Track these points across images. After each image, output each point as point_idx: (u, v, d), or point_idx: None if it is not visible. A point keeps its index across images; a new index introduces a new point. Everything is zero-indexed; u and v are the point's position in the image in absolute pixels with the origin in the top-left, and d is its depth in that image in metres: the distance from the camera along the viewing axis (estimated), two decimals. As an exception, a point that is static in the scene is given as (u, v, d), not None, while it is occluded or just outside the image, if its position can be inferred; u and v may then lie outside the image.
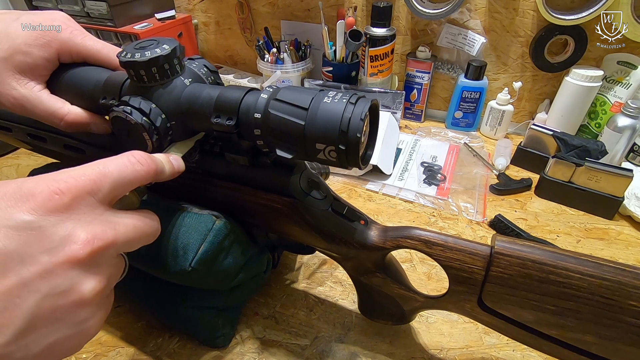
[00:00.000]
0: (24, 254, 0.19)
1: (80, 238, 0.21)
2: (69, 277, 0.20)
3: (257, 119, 0.28)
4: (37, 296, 0.19)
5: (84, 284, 0.21)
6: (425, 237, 0.32)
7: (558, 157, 0.59)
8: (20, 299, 0.18)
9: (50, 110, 0.32)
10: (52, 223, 0.20)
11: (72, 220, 0.21)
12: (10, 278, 0.18)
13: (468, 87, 0.76)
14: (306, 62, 0.84)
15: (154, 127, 0.29)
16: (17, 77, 0.31)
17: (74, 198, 0.21)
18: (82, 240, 0.21)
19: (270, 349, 0.41)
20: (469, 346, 0.41)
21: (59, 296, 0.20)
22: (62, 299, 0.20)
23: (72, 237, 0.21)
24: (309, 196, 0.33)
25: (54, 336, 0.20)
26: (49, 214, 0.20)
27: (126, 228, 0.23)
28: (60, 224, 0.20)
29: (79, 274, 0.21)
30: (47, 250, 0.20)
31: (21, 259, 0.19)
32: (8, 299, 0.18)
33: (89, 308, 0.22)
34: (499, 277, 0.29)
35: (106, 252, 0.22)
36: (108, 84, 0.32)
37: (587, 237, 0.56)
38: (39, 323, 0.19)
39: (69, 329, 0.21)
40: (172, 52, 0.29)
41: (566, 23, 0.66)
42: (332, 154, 0.27)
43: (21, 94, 0.31)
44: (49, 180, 0.21)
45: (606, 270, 0.26)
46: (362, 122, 0.25)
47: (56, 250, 0.20)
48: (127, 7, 0.86)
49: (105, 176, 0.23)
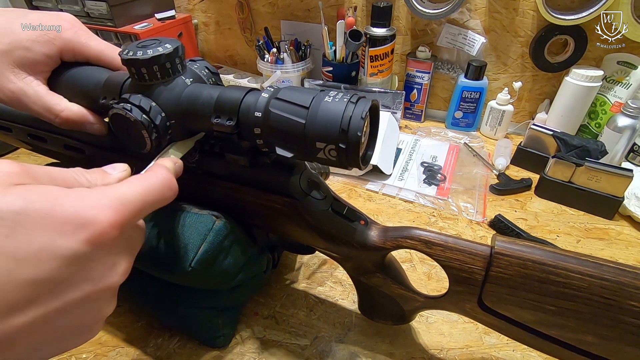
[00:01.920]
0: (70, 282, 0.19)
1: (122, 268, 0.22)
2: (103, 302, 0.21)
3: (257, 118, 0.28)
4: (70, 317, 0.19)
5: (108, 306, 0.22)
6: (425, 237, 0.32)
7: (558, 157, 0.59)
8: (56, 320, 0.19)
9: (47, 106, 0.32)
10: (101, 255, 0.20)
11: (117, 252, 0.21)
12: (55, 303, 0.18)
13: (468, 87, 0.76)
14: (306, 62, 0.84)
15: (153, 125, 0.29)
16: (16, 71, 0.31)
17: (124, 229, 0.21)
18: (122, 270, 0.22)
19: (270, 349, 0.41)
20: (469, 346, 0.41)
21: (87, 316, 0.21)
22: (88, 319, 0.21)
23: (115, 267, 0.21)
24: (309, 196, 0.33)
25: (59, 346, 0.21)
26: (101, 247, 0.20)
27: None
28: (108, 255, 0.21)
29: (108, 299, 0.22)
30: (91, 279, 0.20)
31: (68, 285, 0.19)
32: (46, 319, 0.18)
33: (101, 323, 0.22)
34: (499, 277, 0.29)
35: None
36: (108, 83, 0.32)
37: (587, 237, 0.56)
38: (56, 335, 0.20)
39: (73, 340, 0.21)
40: (174, 51, 0.29)
41: (566, 23, 0.66)
42: (332, 152, 0.27)
43: (18, 87, 0.31)
44: (105, 207, 0.20)
45: (606, 271, 0.26)
46: (363, 120, 0.25)
47: (99, 280, 0.20)
48: (127, 7, 0.86)
49: (147, 203, 0.23)
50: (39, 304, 0.18)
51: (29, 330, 0.18)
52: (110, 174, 0.25)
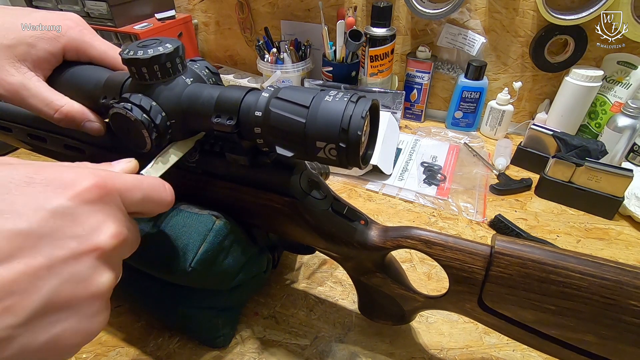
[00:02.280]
0: (55, 237, 0.19)
1: (109, 230, 0.21)
2: (91, 266, 0.21)
3: (257, 117, 0.28)
4: (58, 280, 0.19)
5: (102, 276, 0.21)
6: (425, 236, 0.32)
7: (558, 157, 0.59)
8: (42, 281, 0.19)
9: (47, 101, 0.32)
10: (85, 212, 0.21)
11: (103, 213, 0.22)
12: (38, 259, 0.18)
13: (468, 87, 0.76)
14: (306, 62, 0.84)
15: (153, 124, 0.30)
16: (18, 65, 0.31)
17: (110, 194, 0.22)
18: (110, 233, 0.21)
19: (270, 349, 0.41)
20: (469, 346, 0.41)
21: (78, 284, 0.20)
22: (80, 288, 0.20)
23: (101, 228, 0.21)
24: (309, 196, 0.33)
25: (62, 326, 0.20)
26: (84, 204, 0.20)
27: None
28: (93, 214, 0.21)
29: (100, 265, 0.21)
30: (77, 237, 0.20)
31: (51, 241, 0.19)
32: (31, 280, 0.18)
33: (101, 302, 0.22)
34: (499, 276, 0.29)
35: (123, 250, 0.23)
36: (109, 83, 0.32)
37: (587, 237, 0.56)
38: (53, 309, 0.19)
39: (77, 321, 0.21)
40: (175, 50, 0.29)
41: (566, 23, 0.66)
42: (332, 152, 0.27)
43: (18, 80, 0.31)
44: (90, 173, 0.22)
45: (606, 270, 0.26)
46: (363, 120, 0.25)
47: (85, 238, 0.20)
48: (127, 7, 0.86)
49: (139, 188, 0.24)
50: (21, 257, 0.18)
51: (12, 292, 0.17)
52: (114, 166, 0.26)
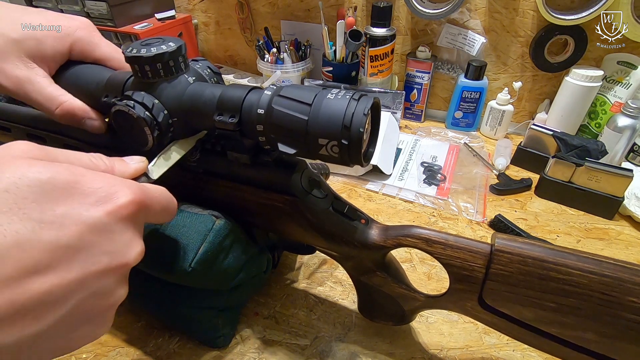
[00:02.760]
0: (90, 252, 0.19)
1: (138, 248, 0.22)
2: (116, 281, 0.22)
3: (260, 115, 0.28)
4: (85, 294, 0.20)
5: (122, 289, 0.22)
6: (426, 235, 0.32)
7: (558, 157, 0.59)
8: (72, 294, 0.19)
9: (49, 96, 0.33)
10: (120, 229, 0.21)
11: (133, 230, 0.22)
12: (72, 273, 0.19)
13: (468, 87, 0.76)
14: (306, 62, 0.84)
15: (155, 122, 0.30)
16: (24, 59, 0.32)
17: (142, 210, 0.22)
18: (138, 250, 0.22)
19: (270, 349, 0.41)
20: (469, 346, 0.41)
21: (102, 298, 0.21)
22: (102, 301, 0.21)
23: (131, 245, 0.22)
24: (310, 195, 0.33)
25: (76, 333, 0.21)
26: (120, 220, 0.21)
27: None
28: (125, 231, 0.21)
29: (122, 280, 0.22)
30: (110, 253, 0.20)
31: (86, 256, 0.19)
32: (63, 292, 0.18)
33: (113, 311, 0.23)
34: (499, 274, 0.29)
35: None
36: (111, 81, 0.33)
37: (587, 237, 0.56)
38: (73, 318, 0.20)
39: (90, 328, 0.22)
40: (178, 49, 0.30)
41: (566, 23, 0.66)
42: (334, 149, 0.27)
43: (24, 74, 0.32)
44: (126, 187, 0.22)
45: (606, 267, 0.26)
46: (365, 117, 0.25)
47: (116, 254, 0.21)
48: (127, 7, 0.86)
49: (159, 201, 0.25)
50: (58, 270, 0.18)
51: (43, 302, 0.18)
52: (128, 163, 0.27)
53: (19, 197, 0.17)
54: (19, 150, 0.19)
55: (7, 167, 0.18)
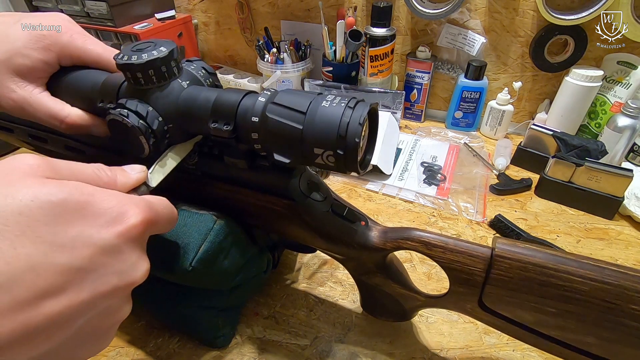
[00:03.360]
0: (100, 273, 0.20)
1: (144, 267, 0.23)
2: (123, 299, 0.22)
3: (254, 123, 0.28)
4: (94, 313, 0.20)
5: (127, 307, 0.23)
6: (425, 238, 0.32)
7: (558, 157, 0.59)
8: (82, 315, 0.19)
9: (51, 113, 0.32)
10: (129, 249, 0.21)
11: (141, 248, 0.22)
12: (82, 294, 0.19)
13: (468, 87, 0.76)
14: (306, 62, 0.84)
15: (150, 130, 0.29)
16: (16, 80, 0.31)
17: (149, 229, 0.23)
18: (144, 269, 0.22)
19: (270, 348, 0.41)
20: (469, 346, 0.42)
21: (108, 316, 0.21)
22: (109, 319, 0.21)
23: (138, 264, 0.22)
24: (309, 198, 0.33)
25: (80, 350, 0.21)
26: (129, 241, 0.21)
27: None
28: (134, 250, 0.22)
29: (129, 298, 0.23)
30: (119, 273, 0.21)
31: (96, 277, 0.19)
32: (73, 313, 0.19)
33: (116, 327, 0.23)
34: (499, 279, 0.29)
35: None
36: (105, 86, 0.32)
37: (587, 237, 0.56)
38: (80, 336, 0.20)
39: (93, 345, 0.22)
40: (170, 54, 0.29)
41: (566, 23, 0.66)
42: (330, 158, 0.26)
43: (20, 96, 0.31)
44: (136, 206, 0.22)
45: (608, 274, 0.26)
46: (361, 126, 0.25)
47: (125, 274, 0.21)
48: (127, 7, 0.86)
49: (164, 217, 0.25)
50: (70, 292, 0.18)
51: (55, 323, 0.18)
52: (129, 173, 0.26)
53: (31, 219, 0.17)
54: (28, 167, 0.19)
55: (20, 187, 0.18)
